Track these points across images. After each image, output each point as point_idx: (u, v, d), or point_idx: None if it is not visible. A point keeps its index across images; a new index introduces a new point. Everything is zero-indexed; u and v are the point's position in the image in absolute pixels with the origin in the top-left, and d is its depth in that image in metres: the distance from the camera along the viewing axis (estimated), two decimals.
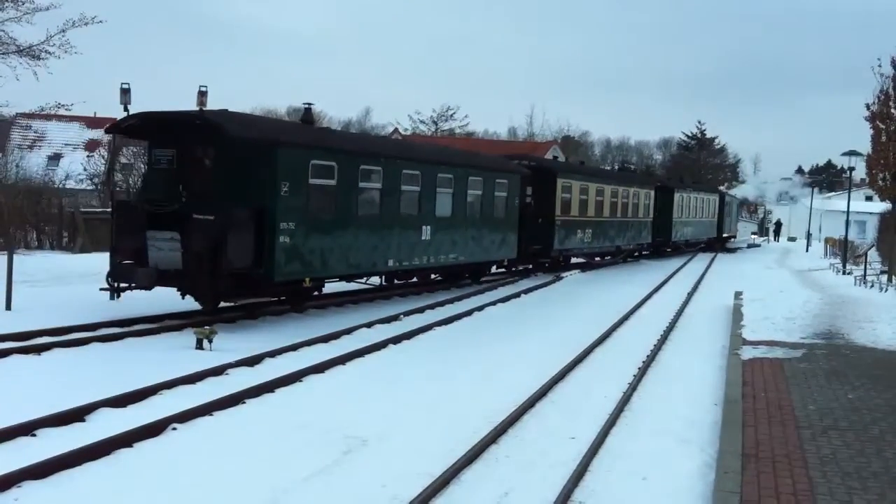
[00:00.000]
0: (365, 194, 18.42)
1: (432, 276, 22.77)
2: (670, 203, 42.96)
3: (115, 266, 15.42)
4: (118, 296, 15.62)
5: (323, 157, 16.85)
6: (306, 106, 18.88)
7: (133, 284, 15.35)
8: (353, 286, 20.15)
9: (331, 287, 18.89)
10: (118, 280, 15.47)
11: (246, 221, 15.08)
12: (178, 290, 15.81)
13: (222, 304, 15.65)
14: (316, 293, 18.03)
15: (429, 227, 20.95)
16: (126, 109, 24.99)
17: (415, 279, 22.06)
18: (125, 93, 25.06)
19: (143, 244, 15.09)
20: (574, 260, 32.75)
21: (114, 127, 17.64)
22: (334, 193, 17.21)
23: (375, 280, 20.50)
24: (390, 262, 19.41)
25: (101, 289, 15.74)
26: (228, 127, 15.21)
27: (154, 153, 16.92)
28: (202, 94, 22.20)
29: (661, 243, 42.37)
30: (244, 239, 14.98)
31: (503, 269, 27.24)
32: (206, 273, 14.63)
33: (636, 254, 40.29)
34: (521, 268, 28.28)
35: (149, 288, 15.33)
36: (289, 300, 17.28)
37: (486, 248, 24.10)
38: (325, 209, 17.00)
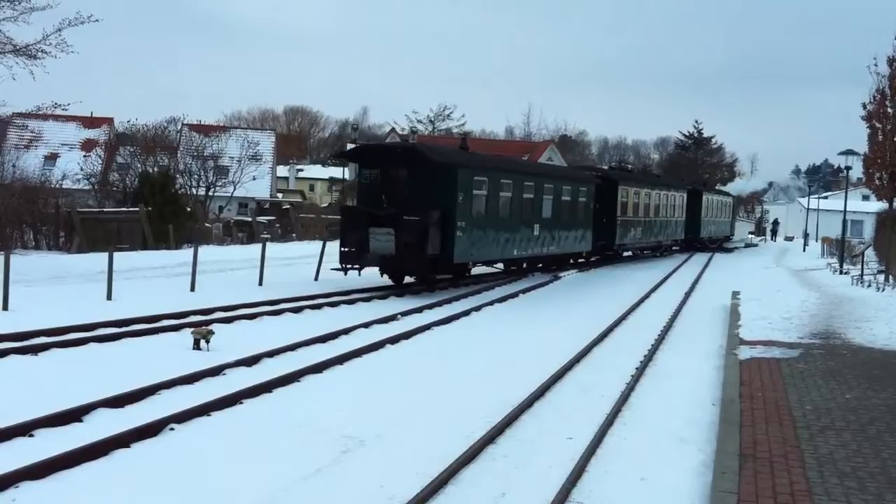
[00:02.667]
0: (502, 201, 24.81)
1: (538, 264, 28.65)
2: (699, 204, 48.82)
3: (344, 253, 21.64)
4: (345, 273, 21.96)
5: (480, 174, 23.67)
6: (463, 135, 27.43)
7: (358, 266, 21.69)
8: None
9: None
10: (347, 263, 21.66)
11: (437, 221, 21.36)
12: (384, 270, 22.30)
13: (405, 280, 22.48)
14: (467, 274, 24.77)
15: (538, 226, 27.18)
16: (354, 142, 35.01)
17: (524, 265, 27.87)
18: (354, 129, 33.03)
19: (365, 237, 21.21)
20: (625, 253, 38.76)
21: (341, 155, 27.56)
22: (485, 200, 23.68)
23: (500, 265, 26.71)
24: (515, 252, 25.81)
25: (333, 268, 22.14)
26: (429, 154, 22.65)
27: (363, 172, 23.48)
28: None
29: (692, 240, 47.90)
30: (437, 233, 21.35)
31: (581, 259, 33.56)
32: (414, 257, 21.01)
33: (674, 248, 46.09)
34: (592, 259, 34.58)
35: (367, 264, 21.67)
36: (455, 277, 23.82)
37: (572, 242, 30.48)
38: (481, 212, 23.40)
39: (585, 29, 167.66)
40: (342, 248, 21.77)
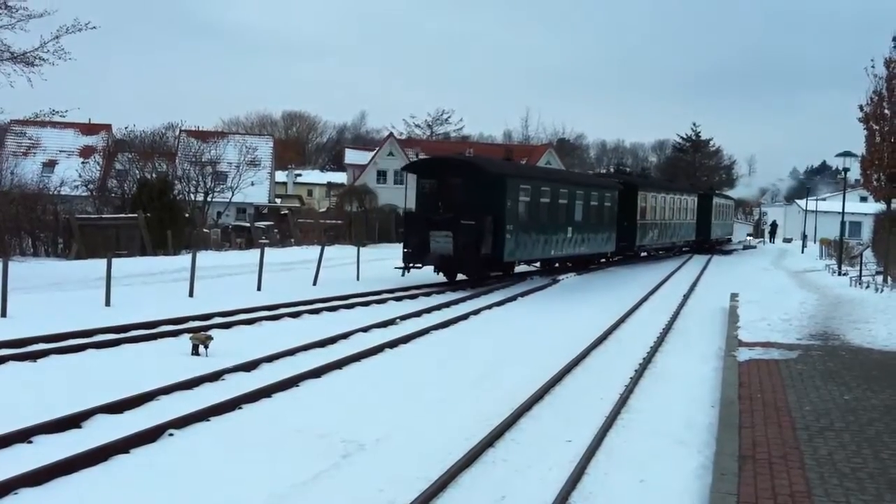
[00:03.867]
0: (542, 207, 27.52)
1: (568, 263, 31.29)
2: (709, 207, 51.61)
3: (406, 254, 24.32)
4: (408, 272, 24.54)
5: (524, 182, 26.62)
6: (508, 147, 31.29)
7: (420, 265, 24.27)
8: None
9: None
10: (409, 262, 24.24)
11: (490, 224, 23.93)
12: (443, 269, 24.84)
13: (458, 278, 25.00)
14: (513, 272, 27.59)
15: (570, 228, 29.99)
16: (417, 156, 39.56)
17: (556, 265, 30.63)
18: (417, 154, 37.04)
19: (425, 239, 23.83)
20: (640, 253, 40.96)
21: (406, 167, 28.31)
22: (528, 206, 26.39)
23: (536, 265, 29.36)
24: (552, 252, 28.60)
25: (396, 267, 24.73)
26: (483, 165, 26.02)
27: (421, 182, 25.92)
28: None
29: (702, 241, 50.54)
30: (489, 235, 23.90)
31: (604, 259, 36.11)
32: (471, 257, 23.66)
33: (684, 248, 48.38)
34: (615, 258, 37.39)
35: (427, 264, 24.25)
36: (504, 274, 26.79)
37: (599, 243, 33.29)
38: (524, 217, 26.12)
39: (582, 32, 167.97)
40: (405, 249, 24.55)
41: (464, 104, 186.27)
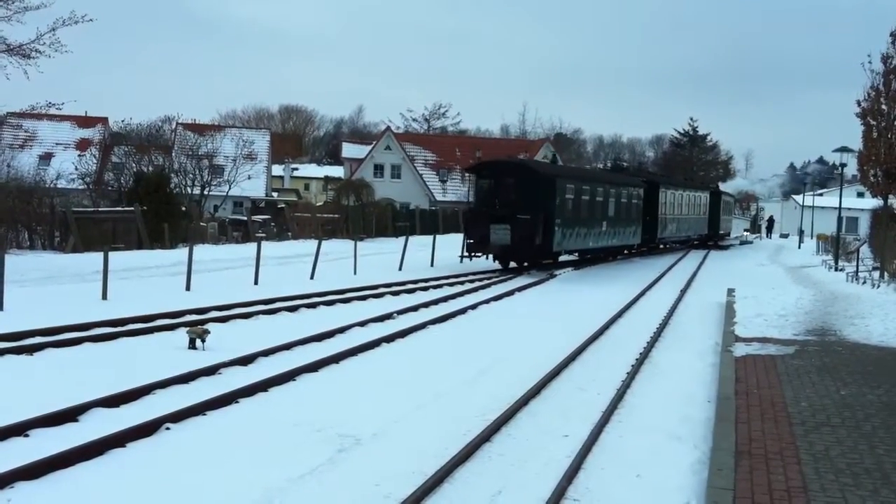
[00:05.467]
0: (582, 204, 31.08)
1: (601, 254, 35.06)
2: (719, 203, 55.25)
3: (470, 244, 28.54)
4: (470, 259, 29.18)
5: (570, 182, 30.57)
6: (553, 153, 37.53)
7: (482, 254, 28.43)
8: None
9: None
10: (472, 251, 28.45)
11: (543, 219, 27.54)
12: (500, 257, 28.57)
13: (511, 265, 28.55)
14: (557, 260, 30.82)
15: (605, 223, 33.59)
16: (478, 158, 46.78)
17: (589, 256, 33.95)
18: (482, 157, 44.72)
19: (486, 232, 27.60)
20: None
21: (468, 169, 35.36)
22: (572, 202, 30.08)
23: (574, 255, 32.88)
24: (590, 244, 32.30)
25: (461, 255, 29.91)
26: (536, 167, 31.57)
27: (480, 182, 30.25)
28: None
29: (713, 234, 53.94)
30: (542, 228, 27.53)
31: (633, 250, 39.75)
32: (526, 247, 27.54)
33: (696, 242, 50.65)
34: (643, 249, 41.07)
35: (488, 252, 28.36)
36: (553, 262, 30.17)
37: (627, 236, 37.01)
38: (569, 212, 29.74)
39: (580, 27, 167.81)
40: (468, 241, 28.80)
41: (461, 98, 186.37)
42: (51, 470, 7.16)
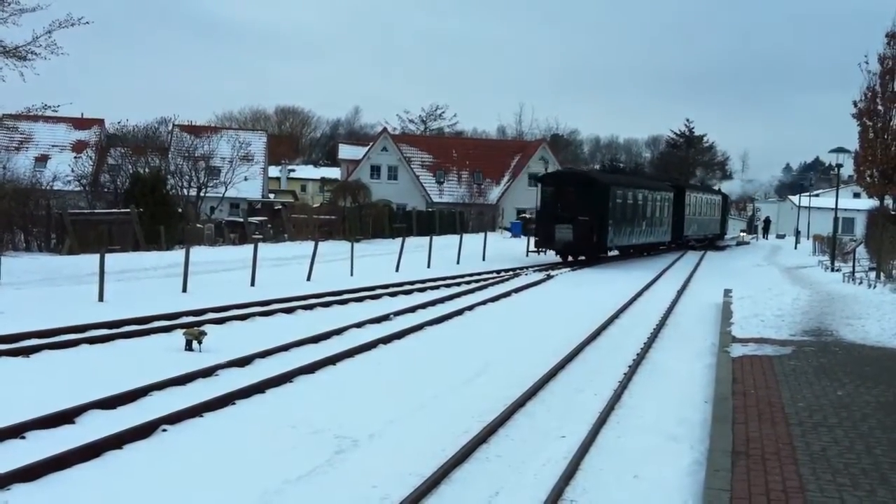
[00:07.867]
0: (628, 206, 36.27)
1: (640, 251, 40.05)
2: (727, 206, 60.17)
3: (538, 241, 33.78)
4: (538, 253, 34.13)
5: (620, 188, 36.02)
6: (609, 164, 46.42)
7: (548, 250, 33.75)
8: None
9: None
10: (540, 247, 33.67)
11: (598, 220, 32.87)
12: (562, 252, 33.76)
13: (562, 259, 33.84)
14: (607, 254, 36.16)
15: (644, 223, 39.06)
16: (546, 169, 54.71)
17: (631, 251, 38.92)
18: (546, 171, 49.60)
19: (552, 231, 32.93)
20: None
21: (537, 179, 42.98)
22: (621, 205, 35.32)
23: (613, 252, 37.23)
24: (633, 241, 37.68)
25: (530, 250, 35.11)
26: (593, 176, 38.03)
27: (543, 189, 35.18)
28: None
29: (722, 235, 58.19)
30: (597, 228, 32.91)
31: (663, 247, 44.56)
32: (585, 244, 32.96)
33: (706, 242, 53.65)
34: (672, 246, 45.70)
35: (553, 248, 33.80)
36: (604, 257, 35.56)
37: (660, 234, 42.32)
38: (619, 213, 34.97)
39: (576, 28, 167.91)
40: (536, 238, 34.21)
41: (457, 99, 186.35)
42: (47, 472, 7.15)
